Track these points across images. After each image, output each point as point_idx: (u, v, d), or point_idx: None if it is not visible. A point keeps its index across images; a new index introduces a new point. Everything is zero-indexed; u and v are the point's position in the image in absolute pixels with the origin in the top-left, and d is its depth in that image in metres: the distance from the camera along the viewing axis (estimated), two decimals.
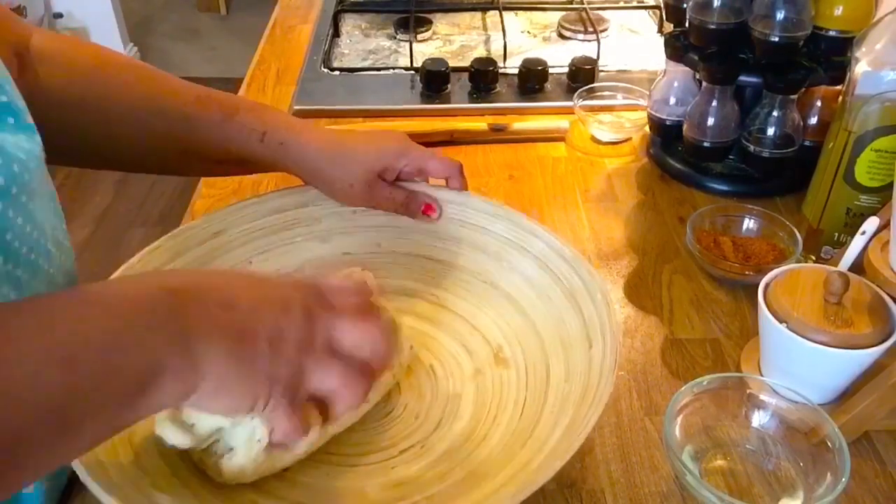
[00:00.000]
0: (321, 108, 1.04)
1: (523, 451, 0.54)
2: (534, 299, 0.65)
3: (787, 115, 0.84)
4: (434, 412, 0.60)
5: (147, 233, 2.25)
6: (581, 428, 0.49)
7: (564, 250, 0.63)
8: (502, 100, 1.06)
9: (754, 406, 0.60)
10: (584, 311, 0.60)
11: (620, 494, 0.58)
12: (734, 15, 0.82)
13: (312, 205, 0.70)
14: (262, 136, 0.65)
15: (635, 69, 1.12)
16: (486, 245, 0.68)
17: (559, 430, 0.52)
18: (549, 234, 0.65)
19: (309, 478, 0.55)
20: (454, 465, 0.56)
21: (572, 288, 0.62)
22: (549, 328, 0.62)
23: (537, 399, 0.59)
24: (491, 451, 0.56)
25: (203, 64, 3.20)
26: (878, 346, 0.58)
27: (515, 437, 0.56)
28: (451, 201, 0.69)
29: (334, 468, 0.56)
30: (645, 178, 0.93)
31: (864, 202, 0.72)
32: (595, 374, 0.54)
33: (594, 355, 0.56)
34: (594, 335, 0.57)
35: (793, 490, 0.57)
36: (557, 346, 0.61)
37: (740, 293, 0.75)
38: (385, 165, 0.66)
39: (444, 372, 0.64)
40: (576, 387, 0.55)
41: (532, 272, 0.65)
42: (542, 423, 0.56)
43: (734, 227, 0.80)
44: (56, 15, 2.94)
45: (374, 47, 1.20)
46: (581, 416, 0.51)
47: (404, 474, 0.55)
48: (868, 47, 0.68)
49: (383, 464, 0.56)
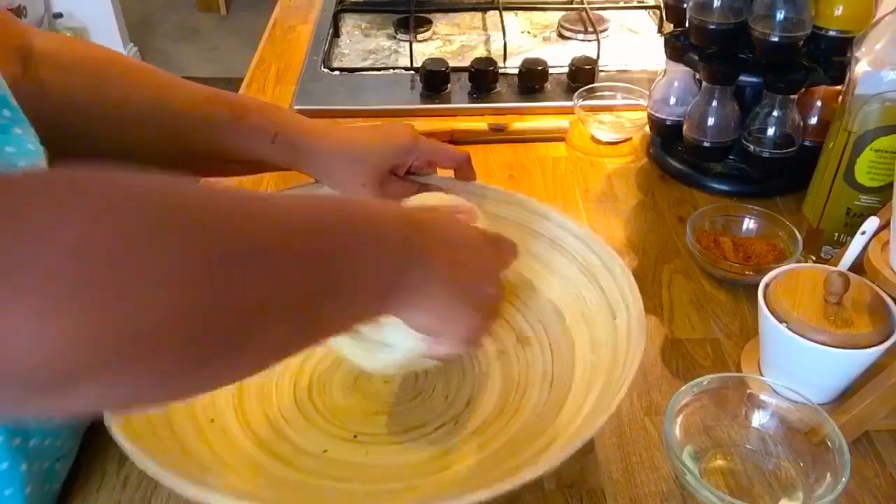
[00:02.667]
0: (321, 108, 1.04)
1: (559, 417, 0.56)
2: (549, 278, 0.67)
3: (787, 115, 0.84)
4: (463, 391, 0.62)
5: None
6: (617, 389, 0.51)
7: (576, 229, 0.66)
8: (502, 100, 1.06)
9: (754, 406, 0.60)
10: (602, 284, 0.62)
11: (620, 494, 0.58)
12: (734, 15, 0.82)
13: None
14: (273, 137, 0.65)
15: (635, 69, 1.12)
16: (497, 231, 0.70)
17: (594, 394, 0.54)
18: (560, 216, 0.67)
19: (346, 456, 0.57)
20: (491, 436, 0.57)
21: (588, 264, 0.64)
22: (569, 305, 0.64)
23: (565, 371, 0.60)
24: (525, 421, 0.58)
25: (203, 64, 3.20)
26: (878, 346, 0.58)
27: (549, 406, 0.58)
28: (460, 191, 0.70)
29: (371, 447, 0.58)
30: (645, 178, 0.93)
31: (864, 202, 0.72)
32: (623, 341, 0.56)
33: (619, 325, 0.58)
34: (617, 306, 0.59)
35: (793, 490, 0.57)
36: (579, 321, 0.63)
37: (740, 293, 0.75)
38: (395, 162, 0.68)
39: (468, 355, 0.65)
40: (603, 356, 0.57)
41: (546, 253, 0.67)
42: (573, 392, 0.57)
43: (734, 227, 0.80)
44: (56, 15, 2.94)
45: (374, 47, 1.20)
46: (614, 379, 0.53)
47: (442, 447, 0.57)
48: (868, 47, 0.68)
49: (419, 441, 0.58)
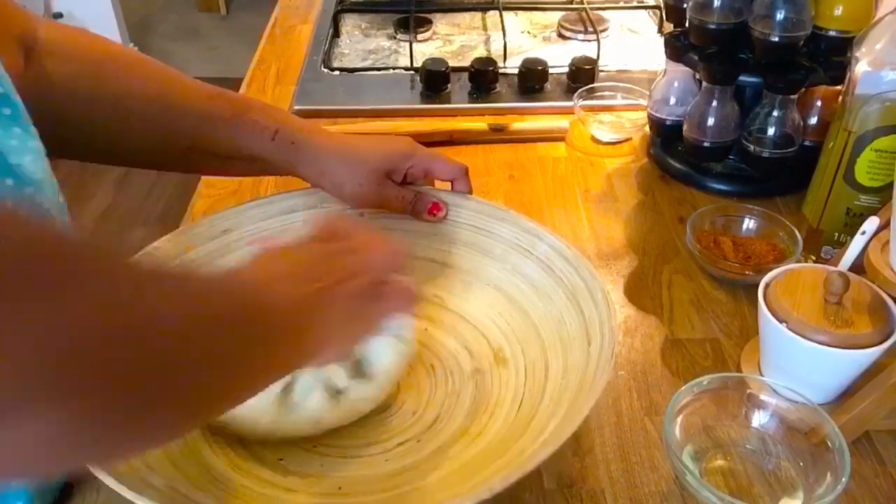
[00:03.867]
0: (321, 108, 1.04)
1: (518, 443, 0.55)
2: (535, 300, 0.65)
3: (787, 115, 0.84)
4: (432, 409, 0.61)
5: (147, 233, 2.25)
6: (575, 415, 0.50)
7: (567, 251, 0.64)
8: (502, 100, 1.06)
9: (754, 406, 0.60)
10: (584, 310, 0.60)
11: (620, 494, 0.58)
12: (734, 15, 0.82)
13: (321, 207, 0.70)
14: (273, 134, 0.65)
15: (635, 69, 1.12)
16: (489, 248, 0.69)
17: (555, 420, 0.53)
18: (552, 236, 0.66)
19: (304, 467, 0.56)
20: (448, 458, 0.56)
21: (574, 288, 0.62)
22: (550, 328, 0.63)
23: (536, 395, 0.59)
24: (487, 445, 0.57)
25: (203, 64, 3.20)
26: (878, 346, 0.58)
27: (511, 430, 0.57)
28: (455, 204, 0.70)
29: (329, 459, 0.57)
30: (645, 178, 0.93)
31: (864, 202, 0.72)
32: (592, 367, 0.55)
33: (592, 351, 0.56)
34: (594, 333, 0.58)
35: (793, 490, 0.57)
36: (557, 346, 0.61)
37: (740, 293, 0.75)
38: (392, 166, 0.67)
39: (444, 371, 0.64)
40: (573, 381, 0.56)
41: (535, 274, 0.66)
42: (538, 417, 0.56)
43: (734, 227, 0.80)
44: (56, 15, 2.94)
45: (374, 47, 1.20)
46: (577, 405, 0.52)
47: (398, 466, 0.56)
48: (868, 47, 0.68)
49: (379, 456, 0.57)
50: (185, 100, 0.65)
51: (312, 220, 0.65)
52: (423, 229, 0.70)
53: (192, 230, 0.66)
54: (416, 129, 0.97)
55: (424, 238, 0.70)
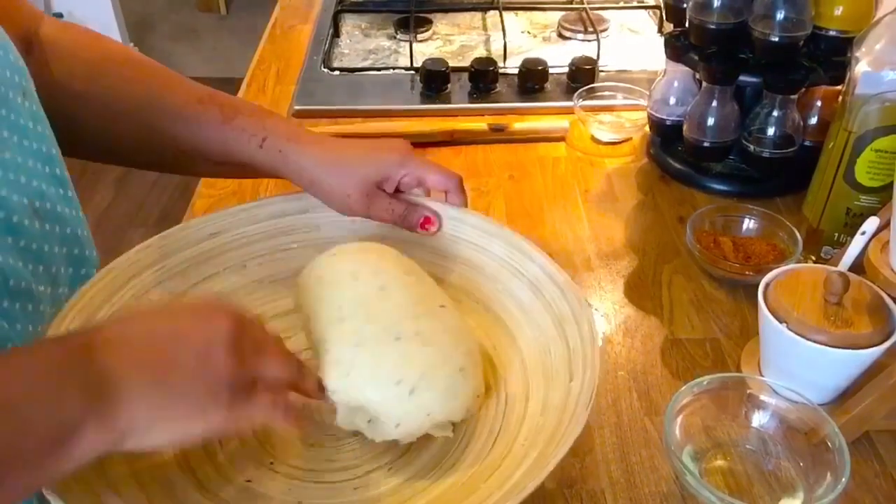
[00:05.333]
0: (321, 108, 1.04)
1: (486, 485, 0.52)
2: (524, 325, 0.63)
3: (787, 115, 0.84)
4: None
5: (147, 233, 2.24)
6: (543, 468, 0.48)
7: (558, 276, 0.61)
8: (502, 100, 1.06)
9: (754, 406, 0.60)
10: (570, 342, 0.58)
11: (620, 494, 0.58)
12: (734, 15, 0.82)
13: (313, 211, 0.68)
14: (261, 142, 0.64)
15: (635, 69, 1.12)
16: (481, 265, 0.66)
17: (525, 464, 0.51)
18: (543, 258, 0.62)
19: (269, 490, 0.54)
20: (416, 492, 0.54)
21: (561, 316, 0.59)
22: (534, 357, 0.60)
23: (512, 430, 0.56)
24: (456, 480, 0.54)
25: (203, 64, 3.20)
26: (878, 346, 0.58)
27: (483, 467, 0.54)
28: (449, 217, 0.67)
29: (297, 483, 0.55)
30: (645, 178, 0.93)
31: (864, 202, 0.72)
32: (570, 408, 0.52)
33: (573, 388, 0.54)
34: (576, 368, 0.55)
35: (793, 490, 0.57)
36: (539, 378, 0.59)
37: (740, 293, 0.75)
38: (383, 176, 0.65)
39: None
40: (550, 420, 0.54)
41: (524, 296, 0.63)
42: (511, 456, 0.54)
43: (734, 227, 0.80)
44: (56, 15, 2.94)
45: (374, 47, 1.20)
46: (548, 452, 0.50)
47: (365, 496, 0.54)
48: (868, 47, 0.68)
49: (346, 483, 0.55)
50: (173, 103, 0.65)
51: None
52: (417, 240, 0.67)
53: (180, 232, 0.65)
54: (416, 129, 0.97)
55: (416, 249, 0.67)
